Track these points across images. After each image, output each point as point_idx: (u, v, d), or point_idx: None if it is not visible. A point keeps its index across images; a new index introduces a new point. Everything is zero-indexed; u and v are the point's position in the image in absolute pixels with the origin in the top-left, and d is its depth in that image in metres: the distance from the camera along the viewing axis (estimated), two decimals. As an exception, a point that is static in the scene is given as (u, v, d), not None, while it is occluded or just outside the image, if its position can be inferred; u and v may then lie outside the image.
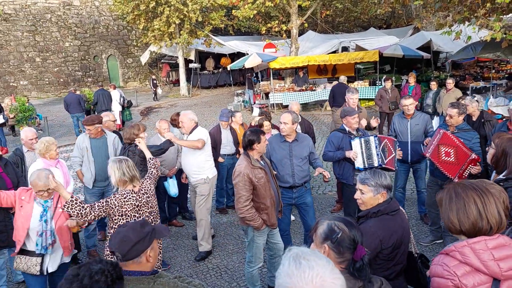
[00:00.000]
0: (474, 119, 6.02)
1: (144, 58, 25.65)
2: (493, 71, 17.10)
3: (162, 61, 28.53)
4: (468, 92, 13.33)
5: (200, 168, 5.40)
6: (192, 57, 24.53)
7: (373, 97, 15.67)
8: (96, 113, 13.69)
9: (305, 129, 6.52)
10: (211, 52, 25.15)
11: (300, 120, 6.36)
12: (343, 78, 13.18)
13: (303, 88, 16.75)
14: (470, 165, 4.54)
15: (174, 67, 27.29)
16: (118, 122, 14.03)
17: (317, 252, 1.26)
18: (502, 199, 2.23)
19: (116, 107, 14.45)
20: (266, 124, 6.50)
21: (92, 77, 27.89)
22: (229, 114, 6.72)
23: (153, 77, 23.13)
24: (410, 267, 2.86)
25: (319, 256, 1.23)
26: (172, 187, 6.16)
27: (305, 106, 16.76)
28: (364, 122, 6.11)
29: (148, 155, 4.64)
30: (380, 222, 2.69)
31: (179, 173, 6.31)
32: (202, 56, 26.73)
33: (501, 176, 3.09)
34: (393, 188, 6.35)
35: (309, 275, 1.16)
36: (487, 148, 3.35)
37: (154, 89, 22.25)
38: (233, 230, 6.29)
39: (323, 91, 16.26)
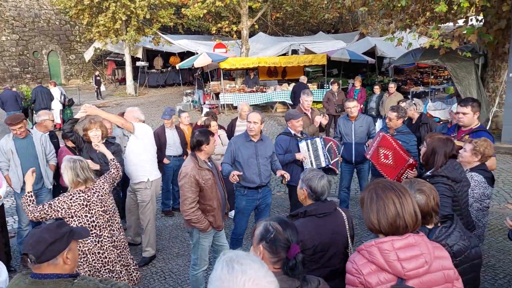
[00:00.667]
0: (413, 122, 6.28)
1: (88, 54, 24.58)
2: (432, 76, 18.10)
3: (107, 58, 27.50)
4: (409, 96, 13.97)
5: (141, 168, 5.15)
6: (139, 55, 23.85)
7: (321, 100, 16.06)
8: (34, 112, 12.92)
9: None
10: (159, 50, 24.60)
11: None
12: (303, 78, 13.93)
13: (254, 89, 16.81)
14: (408, 169, 4.73)
15: (120, 65, 26.42)
16: (59, 121, 13.33)
17: (251, 255, 1.20)
18: (433, 196, 2.31)
19: (57, 105, 13.69)
20: (213, 124, 6.41)
21: (31, 73, 26.32)
22: (172, 113, 6.54)
23: (96, 73, 22.23)
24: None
25: (253, 260, 1.18)
26: None
27: (255, 108, 16.80)
28: (318, 119, 6.18)
29: (109, 156, 4.38)
30: (305, 223, 2.68)
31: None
32: (150, 55, 26.11)
33: (428, 173, 3.24)
34: (338, 188, 6.50)
35: (242, 279, 1.11)
36: (420, 147, 3.50)
37: (97, 87, 21.39)
38: (179, 233, 6.13)
39: (273, 93, 16.40)
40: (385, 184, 2.07)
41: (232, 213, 6.56)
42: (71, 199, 3.55)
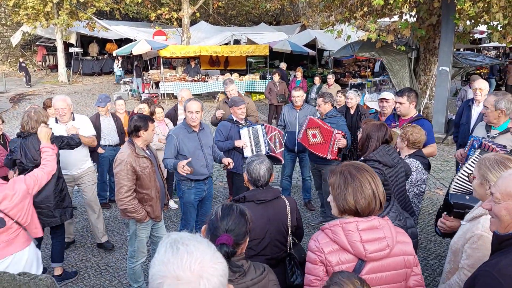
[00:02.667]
0: (352, 112, 6.46)
1: (15, 39, 22.68)
2: (368, 70, 18.83)
3: (37, 43, 25.63)
4: (348, 88, 14.43)
5: (85, 157, 5.03)
6: (72, 41, 22.43)
7: (263, 90, 16.14)
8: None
9: None
10: (95, 36, 23.27)
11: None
12: (283, 65, 14.51)
13: (195, 78, 16.48)
14: (336, 140, 4.90)
15: (52, 50, 24.78)
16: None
17: (197, 236, 1.12)
18: None
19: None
20: (159, 111, 6.17)
21: None
22: (107, 100, 6.17)
23: (21, 60, 20.64)
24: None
25: (199, 241, 1.10)
26: None
27: (197, 98, 16.50)
28: (218, 114, 6.17)
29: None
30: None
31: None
32: (84, 41, 24.72)
33: (361, 158, 3.32)
34: (281, 177, 6.54)
35: (187, 261, 1.03)
36: (357, 133, 3.58)
37: (25, 73, 19.91)
38: (116, 225, 5.84)
39: (215, 83, 16.18)
40: (357, 166, 2.06)
41: (170, 203, 6.37)
42: None
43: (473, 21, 10.00)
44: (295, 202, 2.90)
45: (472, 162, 3.15)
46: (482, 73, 17.45)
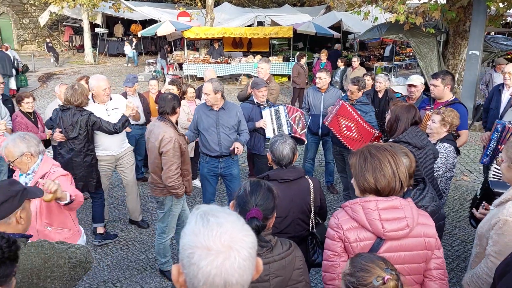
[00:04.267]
0: (380, 95, 6.36)
1: (43, 19, 23.05)
2: (395, 53, 18.42)
3: (64, 23, 25.97)
4: (373, 72, 14.19)
5: (124, 136, 5.11)
6: (98, 22, 22.67)
7: (286, 73, 16.03)
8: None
9: None
10: (120, 17, 23.44)
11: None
12: (337, 45, 14.73)
13: (218, 60, 16.49)
14: (375, 142, 4.78)
15: (78, 31, 25.11)
16: (13, 87, 12.59)
17: (226, 209, 1.14)
18: (413, 160, 2.33)
19: (9, 71, 12.86)
20: (191, 91, 6.24)
21: (-21, 37, 24.60)
22: (135, 80, 6.27)
23: (48, 40, 21.01)
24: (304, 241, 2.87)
25: (229, 213, 1.12)
26: None
27: (220, 79, 16.53)
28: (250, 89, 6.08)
29: None
30: None
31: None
32: (110, 21, 24.90)
33: (390, 140, 3.29)
34: (303, 160, 6.55)
35: (217, 232, 1.04)
36: (385, 115, 3.54)
37: (52, 53, 20.33)
38: (142, 203, 5.99)
39: (238, 65, 16.15)
40: (377, 146, 2.07)
41: (196, 182, 6.50)
42: None
43: (506, 3, 9.63)
44: (319, 183, 2.93)
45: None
46: (513, 58, 16.86)
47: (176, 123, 5.53)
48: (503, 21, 14.55)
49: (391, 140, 3.30)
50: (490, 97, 5.48)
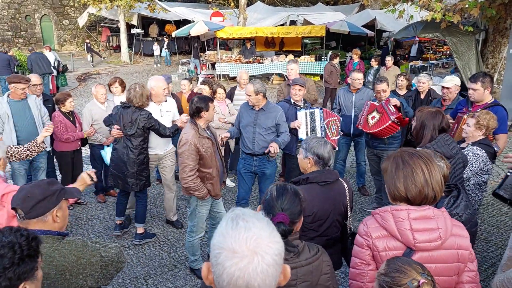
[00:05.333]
0: (422, 96, 6.19)
1: (82, 20, 23.90)
2: (431, 52, 17.92)
3: (101, 24, 26.84)
4: (407, 71, 13.85)
5: (169, 138, 5.24)
6: (134, 22, 23.26)
7: (319, 72, 15.90)
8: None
9: None
10: (155, 17, 23.98)
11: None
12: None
13: (250, 60, 16.56)
14: (389, 104, 5.09)
15: (115, 31, 25.86)
16: (50, 87, 13.11)
17: (259, 214, 1.17)
18: (447, 165, 2.27)
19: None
20: (220, 91, 6.33)
21: (23, 38, 25.74)
22: (168, 80, 6.39)
23: (87, 41, 21.73)
24: (343, 242, 2.87)
25: (259, 219, 1.15)
26: (109, 156, 5.83)
27: (252, 79, 16.60)
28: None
29: None
30: (306, 189, 2.66)
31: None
32: (145, 22, 25.49)
33: (418, 148, 3.19)
34: (334, 161, 6.49)
35: (244, 236, 1.08)
36: (412, 122, 3.45)
37: (91, 53, 21.02)
38: (178, 201, 6.11)
39: (270, 64, 16.15)
40: (411, 152, 2.00)
41: (228, 182, 6.59)
42: None
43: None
44: (350, 183, 2.93)
45: None
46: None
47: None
48: (548, 18, 13.84)
49: (418, 148, 3.22)
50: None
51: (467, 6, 9.82)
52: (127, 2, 20.33)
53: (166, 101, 5.18)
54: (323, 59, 16.08)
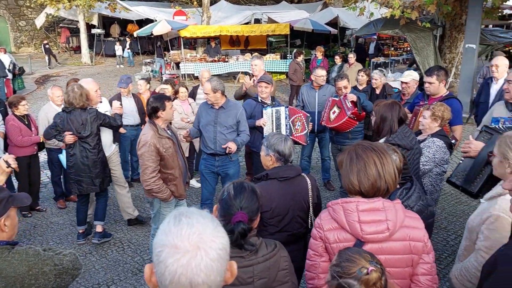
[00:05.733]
0: (378, 92, 6.34)
1: (40, 21, 23.04)
2: (392, 48, 18.39)
3: (60, 25, 25.95)
4: (370, 67, 14.14)
5: (112, 138, 5.16)
6: (95, 22, 22.66)
7: (284, 70, 15.99)
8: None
9: None
10: (116, 17, 23.42)
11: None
12: (360, 40, 13.66)
13: (216, 59, 16.45)
14: (346, 100, 5.27)
15: (75, 32, 25.09)
16: (6, 90, 12.55)
17: (204, 212, 1.14)
18: (401, 157, 2.30)
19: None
20: (182, 90, 6.23)
21: (-24, 40, 24.56)
22: (129, 81, 6.25)
23: (45, 42, 20.99)
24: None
25: (204, 215, 1.12)
26: None
27: (218, 78, 16.50)
28: (244, 87, 6.15)
29: None
30: (265, 185, 2.67)
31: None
32: (106, 22, 24.88)
33: (380, 141, 3.25)
34: (300, 157, 6.54)
35: (187, 231, 1.05)
36: (370, 117, 3.50)
37: (48, 55, 20.32)
38: (138, 204, 5.98)
39: (236, 63, 16.11)
40: (365, 145, 2.01)
41: (192, 182, 6.50)
42: None
43: (502, -4, 9.59)
44: (315, 179, 2.93)
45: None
46: (511, 50, 16.79)
47: (170, 122, 5.55)
48: (500, 14, 14.49)
49: (381, 141, 3.26)
50: (480, 91, 5.46)
51: (424, 3, 10.12)
52: (87, 1, 19.77)
53: (101, 102, 5.06)
54: (288, 57, 16.18)
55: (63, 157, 5.52)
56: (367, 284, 1.52)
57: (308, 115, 5.48)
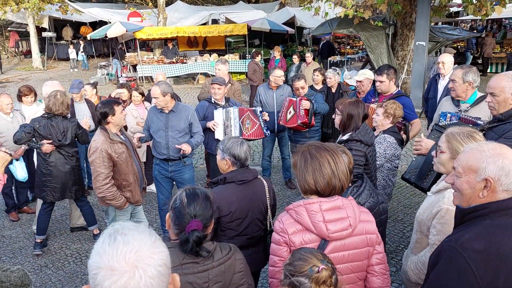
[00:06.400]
0: (333, 90, 6.46)
1: (-15, 24, 21.94)
2: (348, 46, 18.81)
3: (8, 28, 24.76)
4: (327, 66, 14.41)
5: None
6: (45, 25, 21.73)
7: (244, 70, 16.00)
8: None
9: None
10: (68, 19, 22.61)
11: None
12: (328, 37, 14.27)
13: (173, 60, 16.22)
14: (300, 105, 5.38)
15: (25, 36, 24.00)
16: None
17: (141, 226, 1.10)
18: (351, 157, 2.35)
19: None
20: (135, 94, 6.07)
21: None
22: (80, 85, 6.02)
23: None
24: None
25: (140, 230, 1.08)
26: (19, 170, 5.35)
27: (176, 80, 16.30)
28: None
29: None
30: (223, 189, 2.67)
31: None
32: (58, 25, 23.98)
33: (343, 138, 3.32)
34: (261, 157, 6.57)
35: (123, 250, 1.00)
36: (333, 116, 3.57)
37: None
38: (95, 212, 5.79)
39: (194, 64, 15.95)
40: (318, 145, 2.05)
41: (152, 187, 6.37)
42: None
43: (448, -6, 10.03)
44: (271, 181, 2.94)
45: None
46: (459, 46, 17.62)
47: (126, 128, 5.43)
48: (447, 12, 15.15)
49: (345, 137, 3.31)
50: (429, 87, 5.69)
51: (376, 2, 10.41)
52: (35, 4, 18.95)
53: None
54: (247, 57, 16.20)
55: (13, 167, 5.28)
56: (317, 282, 1.55)
57: (256, 108, 5.51)
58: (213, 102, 5.32)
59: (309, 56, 11.01)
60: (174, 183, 4.88)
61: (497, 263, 1.53)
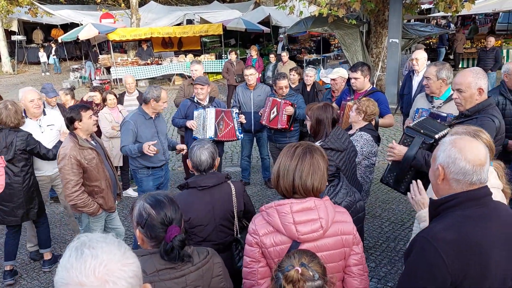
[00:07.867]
0: (308, 89, 6.49)
1: (-50, 28, 21.13)
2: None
3: (-25, 32, 23.96)
4: (304, 65, 14.49)
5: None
6: (14, 28, 21.15)
7: (220, 70, 15.93)
8: None
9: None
10: (38, 22, 21.99)
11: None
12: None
13: (148, 62, 16.02)
14: (283, 110, 5.35)
15: (-7, 39, 23.24)
16: None
17: (109, 237, 1.05)
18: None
19: None
20: (110, 97, 5.94)
21: None
22: (53, 89, 5.88)
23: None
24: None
25: (109, 242, 1.03)
26: None
27: (152, 81, 16.09)
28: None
29: None
30: (185, 195, 2.62)
31: None
32: (27, 27, 23.34)
33: (317, 143, 3.29)
34: (240, 157, 6.54)
35: (91, 265, 0.96)
36: (304, 122, 3.55)
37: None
38: (56, 232, 5.64)
39: (170, 65, 15.79)
40: (296, 146, 2.03)
41: (129, 192, 6.27)
42: None
43: (419, -8, 10.21)
44: (242, 186, 2.84)
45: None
46: (431, 43, 17.98)
47: (100, 132, 5.31)
48: (419, 9, 15.43)
49: (318, 143, 3.28)
50: (404, 83, 5.78)
51: (349, 0, 10.52)
52: (3, 7, 18.41)
53: (44, 114, 4.65)
54: (223, 57, 16.14)
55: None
56: (286, 279, 1.58)
57: (233, 110, 5.49)
58: (195, 101, 5.29)
59: (284, 55, 11.07)
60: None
61: (467, 253, 1.57)
